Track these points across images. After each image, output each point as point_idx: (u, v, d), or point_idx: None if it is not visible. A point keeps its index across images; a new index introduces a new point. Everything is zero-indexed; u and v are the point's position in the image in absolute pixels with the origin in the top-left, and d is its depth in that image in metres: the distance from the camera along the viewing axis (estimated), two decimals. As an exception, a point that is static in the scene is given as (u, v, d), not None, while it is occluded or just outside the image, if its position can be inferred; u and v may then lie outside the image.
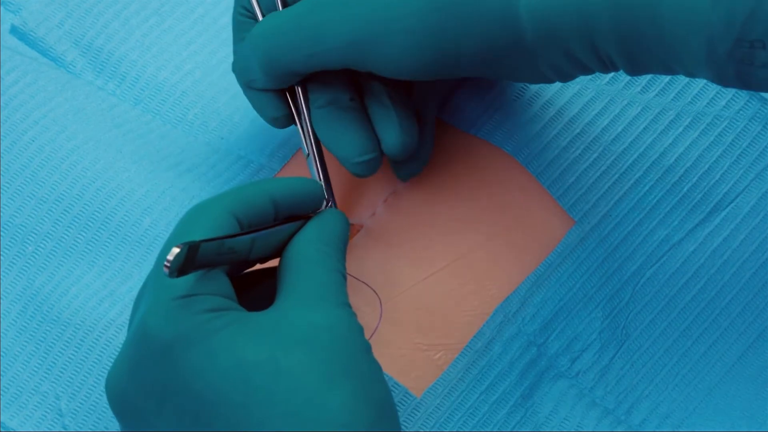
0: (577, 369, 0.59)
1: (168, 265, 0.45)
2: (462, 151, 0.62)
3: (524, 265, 0.60)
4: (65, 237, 0.61)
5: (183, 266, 0.46)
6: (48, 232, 0.61)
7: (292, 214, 0.53)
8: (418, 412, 0.57)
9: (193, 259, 0.46)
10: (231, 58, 0.66)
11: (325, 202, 0.55)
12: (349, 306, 0.50)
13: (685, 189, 0.61)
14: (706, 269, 0.60)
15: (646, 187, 0.61)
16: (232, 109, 0.65)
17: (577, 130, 0.62)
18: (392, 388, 0.57)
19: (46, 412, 0.58)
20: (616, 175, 0.61)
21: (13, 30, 0.66)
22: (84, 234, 0.61)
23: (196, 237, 0.48)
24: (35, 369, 0.59)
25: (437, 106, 0.61)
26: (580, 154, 0.62)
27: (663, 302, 0.60)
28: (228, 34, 0.67)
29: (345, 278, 0.51)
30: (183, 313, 0.47)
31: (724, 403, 0.59)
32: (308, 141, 0.58)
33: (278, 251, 0.52)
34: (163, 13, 0.67)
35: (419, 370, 0.58)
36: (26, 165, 0.62)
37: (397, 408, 0.57)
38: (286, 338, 0.46)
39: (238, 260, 0.50)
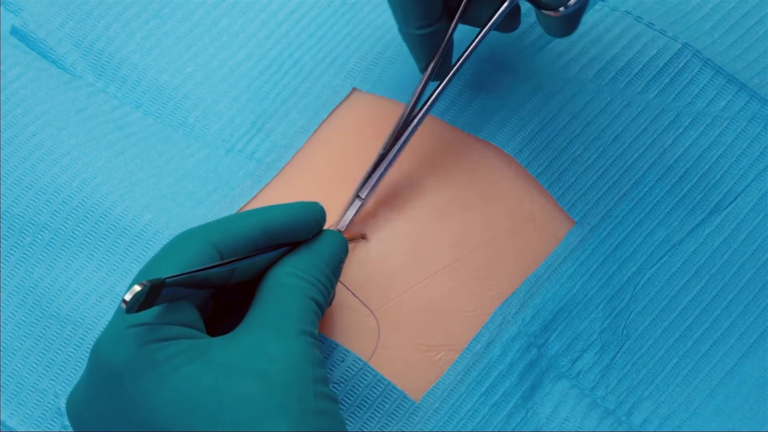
0: (577, 369, 0.58)
1: (126, 301, 0.45)
2: (463, 152, 0.62)
3: (524, 266, 0.60)
4: (63, 228, 0.61)
5: (144, 304, 0.46)
6: (46, 223, 0.61)
7: (289, 241, 0.53)
8: (417, 416, 0.57)
9: (155, 296, 0.46)
10: (231, 60, 0.66)
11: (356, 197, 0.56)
12: (310, 334, 0.50)
13: (685, 189, 0.61)
14: (706, 269, 0.60)
15: (646, 188, 0.61)
16: (234, 112, 0.65)
17: (577, 131, 0.62)
18: (390, 392, 0.57)
19: (45, 410, 0.58)
20: (616, 176, 0.61)
21: (14, 31, 0.66)
22: (82, 226, 0.61)
23: (172, 268, 0.49)
24: (34, 365, 0.59)
25: None
26: (580, 155, 0.61)
27: (664, 302, 0.60)
28: (227, 36, 0.67)
29: (319, 305, 0.51)
30: (133, 341, 0.48)
31: (725, 403, 0.58)
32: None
33: (264, 273, 0.53)
34: (163, 16, 0.67)
35: (420, 371, 0.58)
36: (26, 157, 0.62)
37: (396, 411, 0.57)
38: (233, 368, 0.47)
39: (216, 287, 0.51)
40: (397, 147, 0.58)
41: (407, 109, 0.58)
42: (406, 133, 0.58)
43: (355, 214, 0.59)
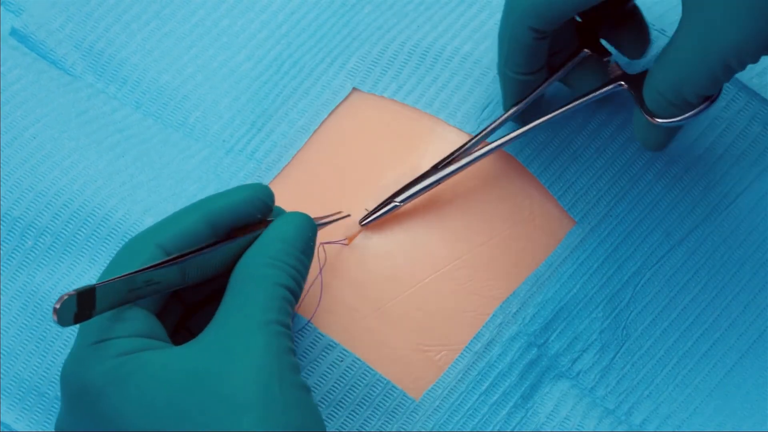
0: (577, 369, 0.58)
1: (56, 310, 0.44)
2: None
3: (525, 266, 0.60)
4: (64, 231, 0.60)
5: (80, 314, 0.45)
6: (47, 226, 0.61)
7: (239, 226, 0.52)
8: (417, 414, 0.57)
9: (89, 305, 0.45)
10: (231, 61, 0.66)
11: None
12: (276, 323, 0.49)
13: (685, 189, 0.61)
14: (706, 270, 0.60)
15: (647, 187, 0.61)
16: (234, 112, 0.65)
17: (577, 130, 0.62)
18: (390, 391, 0.57)
19: (49, 414, 0.58)
20: (616, 175, 0.61)
21: (14, 32, 0.66)
22: (84, 229, 0.60)
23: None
24: (35, 368, 0.59)
25: None
26: (580, 154, 0.61)
27: (663, 302, 0.60)
28: (228, 37, 0.67)
29: (290, 290, 0.50)
30: (94, 359, 0.48)
31: (725, 403, 0.58)
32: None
33: (229, 268, 0.52)
34: (163, 17, 0.67)
35: (420, 370, 0.58)
36: (26, 159, 0.62)
37: (396, 410, 0.57)
38: (192, 373, 0.47)
39: (170, 289, 0.50)
40: (451, 169, 0.60)
41: (474, 137, 0.60)
42: (466, 159, 0.59)
43: (384, 213, 0.60)
